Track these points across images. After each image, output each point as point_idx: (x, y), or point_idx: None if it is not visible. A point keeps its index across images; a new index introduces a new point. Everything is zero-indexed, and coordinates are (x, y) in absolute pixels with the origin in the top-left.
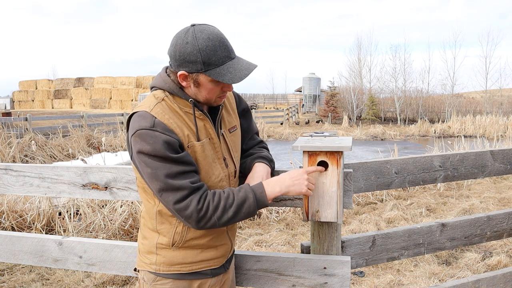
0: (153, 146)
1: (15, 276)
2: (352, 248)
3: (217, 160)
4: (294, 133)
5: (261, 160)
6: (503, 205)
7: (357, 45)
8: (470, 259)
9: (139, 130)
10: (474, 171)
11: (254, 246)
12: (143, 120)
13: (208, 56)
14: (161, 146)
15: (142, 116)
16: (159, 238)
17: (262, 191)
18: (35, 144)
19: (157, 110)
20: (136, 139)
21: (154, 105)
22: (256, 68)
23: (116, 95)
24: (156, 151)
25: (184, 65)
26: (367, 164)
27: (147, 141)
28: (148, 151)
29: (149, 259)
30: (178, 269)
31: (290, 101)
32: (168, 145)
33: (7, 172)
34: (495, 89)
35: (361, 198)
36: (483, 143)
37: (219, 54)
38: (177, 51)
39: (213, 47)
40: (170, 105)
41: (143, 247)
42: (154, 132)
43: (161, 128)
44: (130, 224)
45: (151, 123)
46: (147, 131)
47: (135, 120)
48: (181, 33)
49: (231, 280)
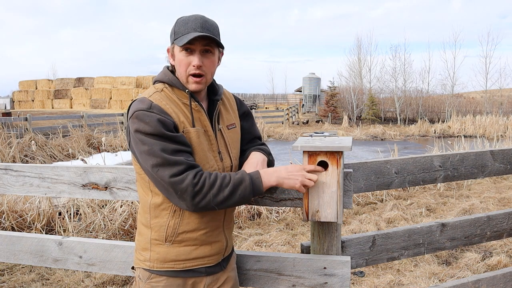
0: (149, 124)
1: (15, 276)
2: (352, 248)
3: (211, 152)
4: (294, 133)
5: (258, 150)
6: (503, 205)
7: (357, 45)
8: (470, 259)
9: (136, 112)
10: (474, 171)
11: (254, 246)
12: (140, 103)
13: (178, 26)
14: (156, 124)
15: (140, 100)
16: (152, 233)
17: (258, 176)
18: (35, 144)
19: (155, 96)
20: (133, 120)
21: (153, 92)
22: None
23: (116, 95)
24: (152, 129)
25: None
26: (367, 164)
27: (144, 120)
28: (145, 130)
29: (143, 256)
30: (171, 266)
31: (290, 101)
32: (164, 125)
33: (7, 172)
34: (495, 89)
35: (361, 198)
36: (483, 143)
37: (189, 25)
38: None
39: (186, 19)
40: (169, 94)
41: (139, 243)
42: (150, 113)
43: (157, 110)
44: (130, 224)
45: (148, 105)
46: (144, 112)
47: (134, 105)
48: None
49: (234, 279)
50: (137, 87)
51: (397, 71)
